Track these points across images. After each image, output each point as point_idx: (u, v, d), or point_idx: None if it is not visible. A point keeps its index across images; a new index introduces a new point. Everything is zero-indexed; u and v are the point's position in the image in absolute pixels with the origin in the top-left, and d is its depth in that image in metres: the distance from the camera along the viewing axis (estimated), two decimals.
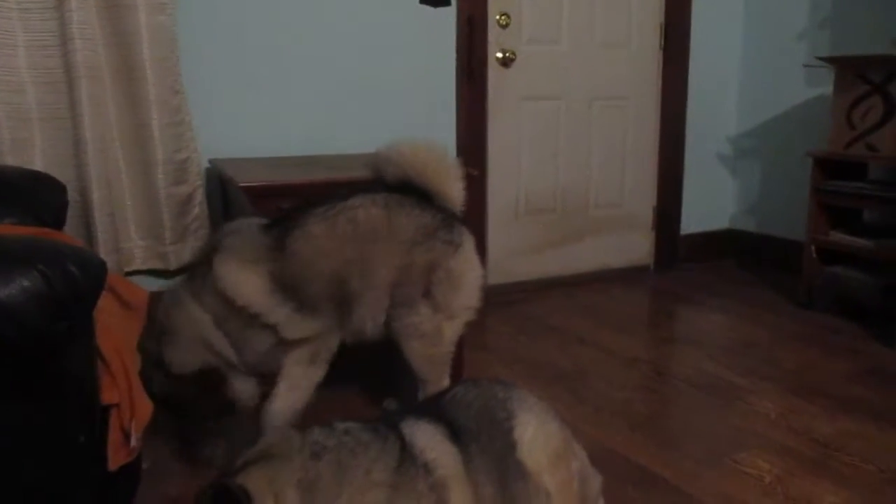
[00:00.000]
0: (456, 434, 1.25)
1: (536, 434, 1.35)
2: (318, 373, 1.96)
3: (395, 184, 1.98)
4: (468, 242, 2.03)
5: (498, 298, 3.45)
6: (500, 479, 1.27)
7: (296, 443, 1.10)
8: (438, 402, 1.35)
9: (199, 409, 1.89)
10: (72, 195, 2.43)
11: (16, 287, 1.21)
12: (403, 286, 1.94)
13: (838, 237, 3.20)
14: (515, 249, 3.64)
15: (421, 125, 3.21)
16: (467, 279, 2.01)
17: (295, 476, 1.05)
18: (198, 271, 1.93)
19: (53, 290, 1.24)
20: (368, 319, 1.95)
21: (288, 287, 1.87)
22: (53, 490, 1.37)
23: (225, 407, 1.91)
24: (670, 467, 1.98)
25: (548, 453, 1.35)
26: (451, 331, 2.03)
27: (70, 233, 2.28)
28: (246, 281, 1.86)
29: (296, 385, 1.93)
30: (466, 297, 2.02)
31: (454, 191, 2.03)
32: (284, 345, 1.91)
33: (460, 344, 2.29)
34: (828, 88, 3.28)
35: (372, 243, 1.91)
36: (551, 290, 3.63)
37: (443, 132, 3.31)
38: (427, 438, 1.20)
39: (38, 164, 2.47)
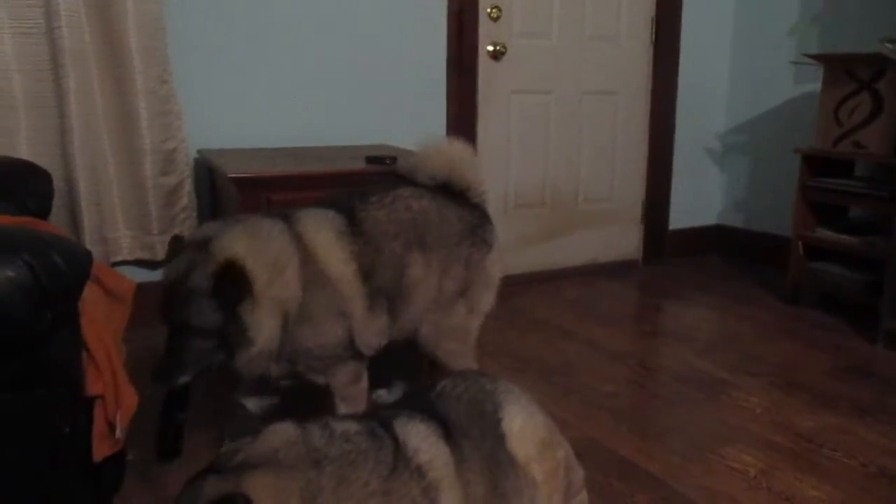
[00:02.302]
0: (448, 431, 1.25)
1: (524, 425, 1.35)
2: (366, 383, 1.91)
3: (428, 182, 1.97)
4: (497, 242, 2.07)
5: None
6: (491, 475, 1.27)
7: (300, 449, 1.08)
8: (427, 396, 1.36)
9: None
10: (57, 184, 2.41)
11: (0, 277, 1.20)
12: (447, 281, 1.94)
13: (824, 234, 3.22)
14: (504, 243, 3.60)
15: (411, 118, 3.21)
16: (495, 280, 2.06)
17: (298, 487, 1.04)
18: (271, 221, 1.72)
19: (38, 280, 1.23)
20: (419, 313, 1.92)
21: (364, 273, 1.78)
22: (38, 480, 1.37)
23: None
24: (655, 461, 1.99)
25: (535, 443, 1.36)
26: (477, 328, 2.07)
27: (55, 222, 2.27)
28: (339, 252, 1.75)
29: (357, 403, 1.87)
30: (493, 297, 2.06)
31: (483, 187, 2.07)
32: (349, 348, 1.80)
33: None
34: (816, 85, 3.29)
35: (427, 231, 1.90)
36: (539, 283, 3.64)
37: (432, 125, 3.30)
38: (420, 439, 1.20)
39: (23, 153, 2.45)
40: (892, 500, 1.83)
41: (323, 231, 1.75)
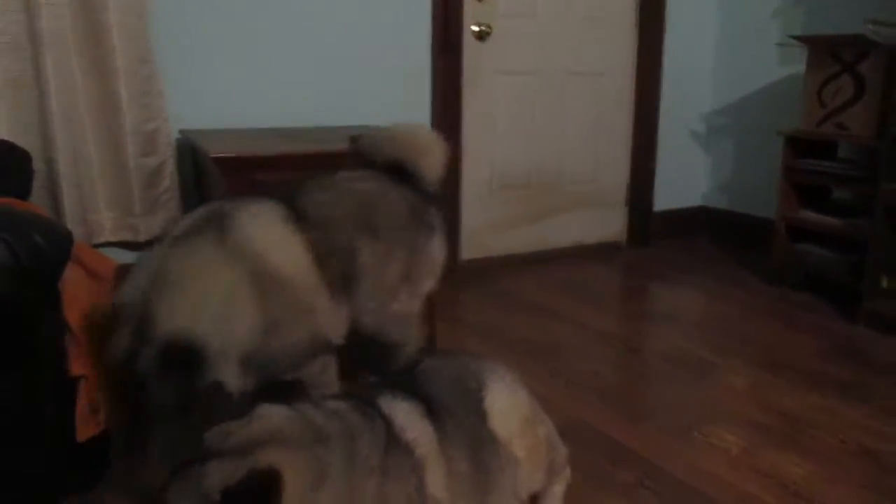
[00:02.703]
0: (431, 409, 1.25)
1: (507, 402, 1.36)
2: (336, 369, 1.79)
3: (382, 165, 1.91)
4: (442, 226, 1.99)
5: (472, 273, 3.45)
6: (473, 452, 1.28)
7: (304, 426, 1.05)
8: (411, 374, 1.36)
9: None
10: (38, 165, 2.38)
11: None
12: (392, 265, 1.85)
13: (807, 215, 3.24)
14: (489, 224, 3.64)
15: (395, 98, 3.19)
16: (439, 264, 1.97)
17: (311, 463, 1.01)
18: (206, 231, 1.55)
19: (18, 260, 1.22)
20: (369, 301, 1.81)
21: (321, 260, 1.65)
22: (21, 460, 1.36)
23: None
24: (640, 439, 2.00)
25: (518, 420, 1.36)
26: (417, 313, 1.98)
27: (36, 203, 2.24)
28: (290, 245, 1.61)
29: (330, 390, 1.75)
30: (435, 282, 1.98)
31: (438, 175, 2.00)
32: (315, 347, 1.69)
33: (433, 317, 2.30)
34: (801, 67, 3.30)
35: (373, 214, 1.81)
36: (525, 265, 3.64)
37: (417, 105, 3.28)
38: (405, 416, 1.20)
39: (2, 133, 2.41)
40: (872, 476, 1.85)
41: (267, 228, 1.60)
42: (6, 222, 1.27)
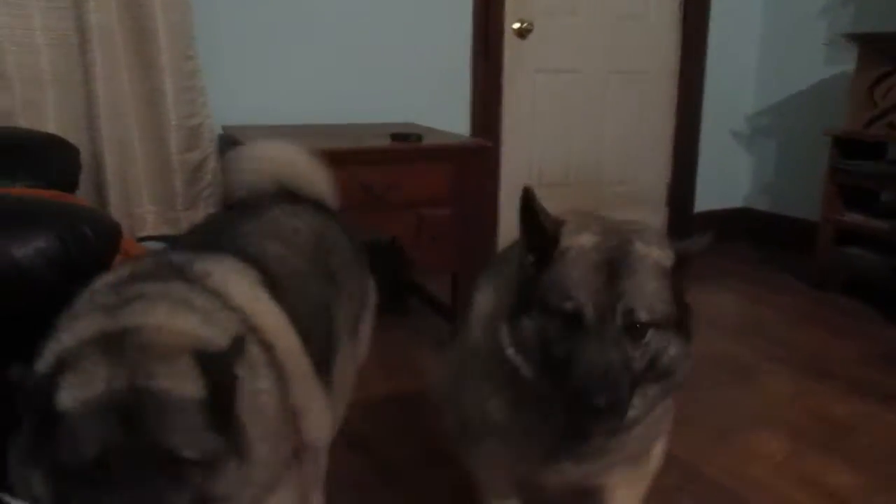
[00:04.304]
0: None
1: None
2: None
3: (274, 192, 1.57)
4: None
5: None
6: None
7: None
8: None
9: None
10: (84, 159, 2.41)
11: (31, 248, 1.20)
12: (353, 305, 1.60)
13: (854, 218, 3.16)
14: None
15: (435, 95, 3.18)
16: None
17: None
18: None
19: (68, 251, 1.24)
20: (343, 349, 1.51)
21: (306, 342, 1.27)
22: None
23: None
24: (683, 445, 1.96)
25: None
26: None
27: (82, 196, 2.27)
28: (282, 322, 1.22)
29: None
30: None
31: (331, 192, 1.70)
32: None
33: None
34: (847, 66, 3.22)
35: (331, 254, 1.53)
36: None
37: (457, 103, 3.27)
38: None
39: (50, 127, 2.45)
40: None
41: (249, 288, 1.20)
42: (56, 214, 1.29)
